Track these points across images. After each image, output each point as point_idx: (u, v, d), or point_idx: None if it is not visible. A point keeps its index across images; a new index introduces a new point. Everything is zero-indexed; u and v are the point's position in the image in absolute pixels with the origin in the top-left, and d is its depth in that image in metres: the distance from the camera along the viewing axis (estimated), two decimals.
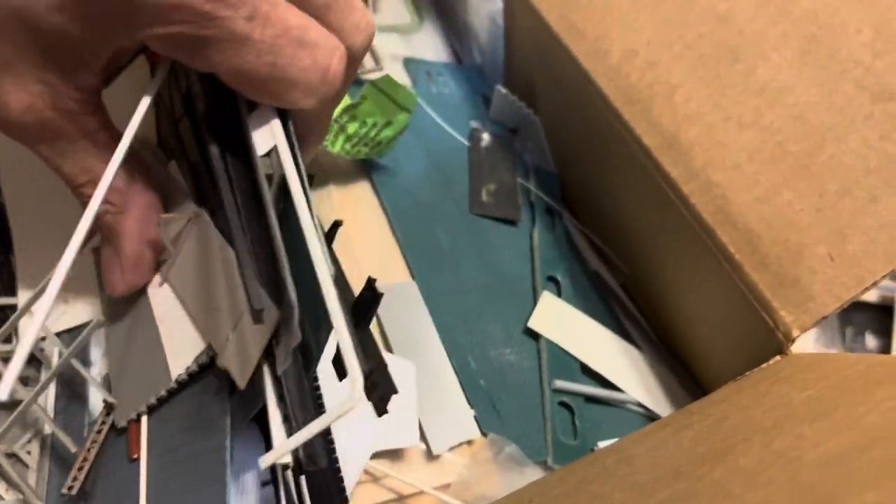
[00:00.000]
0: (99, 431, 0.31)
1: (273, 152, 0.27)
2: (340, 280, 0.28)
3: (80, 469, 0.30)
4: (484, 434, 0.35)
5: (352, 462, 0.33)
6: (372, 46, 0.44)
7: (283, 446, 0.23)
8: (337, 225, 0.34)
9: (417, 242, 0.40)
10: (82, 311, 0.34)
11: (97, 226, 0.30)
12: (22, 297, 0.35)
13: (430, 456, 0.34)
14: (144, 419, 0.30)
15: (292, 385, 0.27)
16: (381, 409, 0.25)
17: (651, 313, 0.41)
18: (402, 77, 0.46)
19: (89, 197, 0.27)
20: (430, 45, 0.49)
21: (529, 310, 0.39)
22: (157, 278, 0.32)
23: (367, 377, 0.23)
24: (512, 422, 0.36)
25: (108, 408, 0.32)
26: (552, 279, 0.41)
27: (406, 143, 0.42)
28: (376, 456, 0.33)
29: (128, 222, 0.30)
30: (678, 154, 0.35)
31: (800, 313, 0.32)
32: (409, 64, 0.47)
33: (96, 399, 0.33)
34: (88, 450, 0.31)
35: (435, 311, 0.37)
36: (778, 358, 0.32)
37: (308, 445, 0.25)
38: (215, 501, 0.27)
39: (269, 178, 0.28)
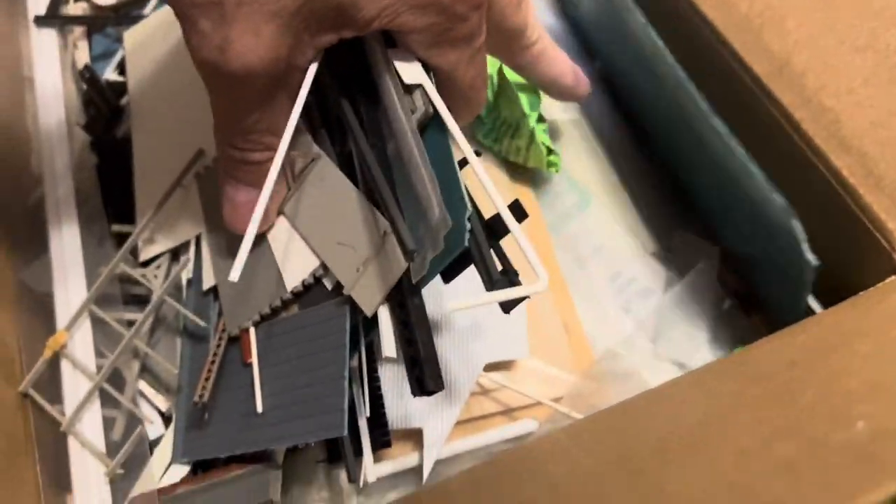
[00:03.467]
0: (218, 345, 0.34)
1: (418, 90, 0.29)
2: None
3: (207, 379, 0.33)
4: None
5: (464, 374, 0.35)
6: None
7: (483, 297, 0.26)
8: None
9: None
10: (185, 229, 0.38)
11: (247, 170, 0.31)
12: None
13: (541, 371, 0.36)
14: (252, 328, 0.33)
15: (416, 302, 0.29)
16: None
17: None
18: None
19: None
20: None
21: None
22: None
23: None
24: None
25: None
26: None
27: None
28: (489, 369, 0.35)
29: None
30: (790, 80, 0.35)
31: None
32: None
33: None
34: (213, 362, 0.34)
35: None
36: (893, 278, 0.32)
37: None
38: (333, 392, 0.30)
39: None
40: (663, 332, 0.40)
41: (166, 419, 0.36)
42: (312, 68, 0.29)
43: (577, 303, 0.39)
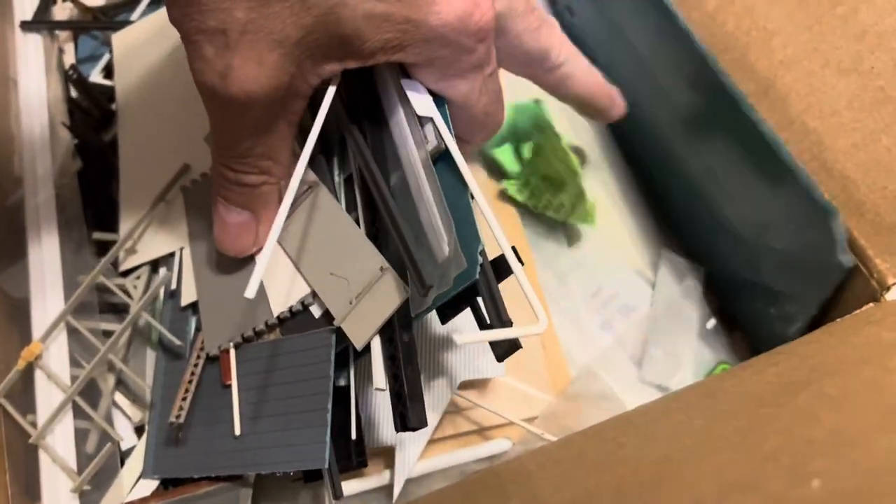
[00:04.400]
0: (195, 364, 0.34)
1: (430, 123, 0.29)
2: None
3: (184, 399, 0.33)
4: None
5: (439, 393, 0.34)
6: None
7: (489, 333, 0.26)
8: None
9: None
10: (167, 242, 0.38)
11: (240, 192, 0.31)
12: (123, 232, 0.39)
13: (516, 390, 0.35)
14: (232, 350, 0.33)
15: (407, 341, 0.29)
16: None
17: None
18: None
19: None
20: None
21: None
22: None
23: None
24: None
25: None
26: None
27: None
28: (464, 388, 0.35)
29: (278, 194, 0.31)
30: (774, 101, 0.35)
31: None
32: None
33: None
34: (189, 381, 0.34)
35: None
36: (871, 305, 0.32)
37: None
38: (315, 423, 0.29)
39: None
40: (644, 350, 0.40)
41: (138, 430, 0.36)
42: (329, 97, 0.29)
43: (557, 319, 0.39)
